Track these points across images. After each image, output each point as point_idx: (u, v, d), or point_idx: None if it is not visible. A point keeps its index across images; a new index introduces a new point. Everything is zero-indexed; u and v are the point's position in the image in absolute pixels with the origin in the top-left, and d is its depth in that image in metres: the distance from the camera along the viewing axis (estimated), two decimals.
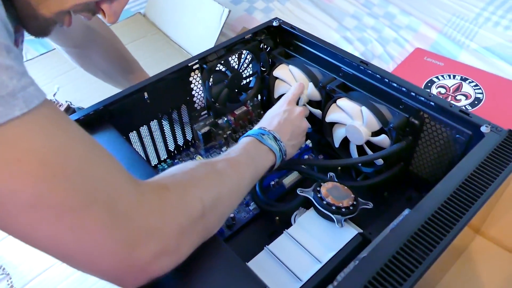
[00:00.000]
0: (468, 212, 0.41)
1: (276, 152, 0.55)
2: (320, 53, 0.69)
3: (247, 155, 0.51)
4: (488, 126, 0.51)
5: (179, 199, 0.37)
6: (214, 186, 0.42)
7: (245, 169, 0.48)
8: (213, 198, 0.40)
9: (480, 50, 0.97)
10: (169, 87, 0.66)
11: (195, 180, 0.40)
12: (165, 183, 0.38)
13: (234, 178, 0.45)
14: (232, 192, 0.44)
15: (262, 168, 0.53)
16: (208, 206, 0.39)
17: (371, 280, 0.35)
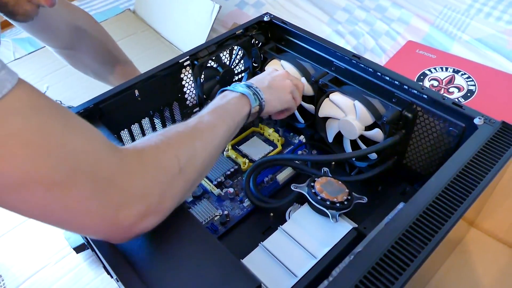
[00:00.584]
0: (463, 204, 0.41)
1: (250, 95, 0.55)
2: (312, 47, 0.69)
3: (219, 107, 0.52)
4: (481, 118, 0.51)
5: (156, 160, 0.39)
6: (188, 142, 0.44)
7: (218, 120, 0.49)
8: (188, 154, 0.42)
9: (472, 41, 0.97)
10: (160, 84, 0.65)
11: (169, 140, 0.42)
12: (141, 147, 0.40)
13: (207, 132, 0.47)
14: (206, 144, 0.46)
15: (237, 115, 0.53)
16: (184, 162, 0.41)
17: (366, 274, 0.35)
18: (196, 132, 0.45)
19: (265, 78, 0.61)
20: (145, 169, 0.38)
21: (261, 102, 0.56)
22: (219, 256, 0.40)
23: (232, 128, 0.52)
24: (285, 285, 0.50)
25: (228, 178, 0.69)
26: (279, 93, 0.60)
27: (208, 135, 0.46)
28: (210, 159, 0.47)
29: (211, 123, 0.48)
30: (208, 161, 0.46)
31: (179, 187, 0.41)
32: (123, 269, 0.39)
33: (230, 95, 0.55)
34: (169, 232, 0.43)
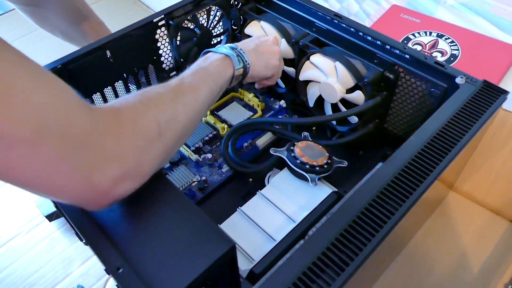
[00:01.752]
0: (441, 163, 0.40)
1: (233, 57, 0.52)
2: (292, 7, 0.66)
3: (201, 68, 0.49)
4: (463, 77, 0.50)
5: (134, 121, 0.37)
6: (169, 104, 0.41)
7: (200, 82, 0.47)
8: (168, 117, 0.40)
9: (456, 5, 0.95)
10: (133, 45, 0.62)
11: (148, 101, 0.39)
12: (118, 107, 0.37)
13: (189, 94, 0.44)
14: (188, 108, 0.43)
15: (220, 77, 0.51)
16: (164, 126, 0.39)
17: (342, 232, 0.34)
18: (178, 95, 0.43)
19: (252, 41, 0.58)
20: (121, 130, 0.35)
21: (245, 64, 0.54)
22: (193, 219, 0.39)
23: (215, 91, 0.49)
24: (264, 249, 0.49)
25: (207, 144, 0.67)
26: (265, 57, 0.58)
27: (189, 98, 0.44)
28: (191, 123, 0.44)
29: (193, 85, 0.45)
30: (189, 126, 0.44)
31: (157, 151, 0.38)
32: (92, 231, 0.38)
33: (213, 56, 0.52)
34: (143, 196, 0.41)
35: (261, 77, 0.59)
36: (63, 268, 0.61)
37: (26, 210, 0.67)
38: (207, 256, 0.35)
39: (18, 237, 0.64)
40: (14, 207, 0.68)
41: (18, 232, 0.64)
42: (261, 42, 0.59)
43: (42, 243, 0.63)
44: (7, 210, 0.67)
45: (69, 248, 0.62)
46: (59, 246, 0.63)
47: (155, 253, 0.36)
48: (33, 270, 0.61)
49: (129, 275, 0.33)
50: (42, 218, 0.65)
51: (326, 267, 0.33)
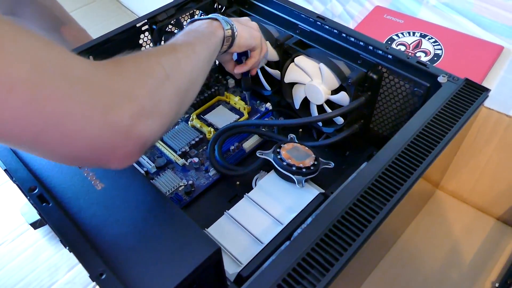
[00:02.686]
0: (425, 161, 0.41)
1: (220, 19, 0.53)
2: (275, 10, 0.67)
3: (191, 30, 0.50)
4: (445, 76, 0.50)
5: (137, 64, 0.36)
6: (168, 53, 0.41)
7: (194, 39, 0.47)
8: (171, 61, 0.39)
9: (439, 5, 0.96)
10: (117, 50, 0.61)
11: (147, 52, 0.40)
12: (118, 58, 0.36)
13: (186, 46, 0.44)
14: (189, 56, 0.43)
15: (212, 36, 0.51)
16: (169, 68, 0.38)
17: (327, 232, 0.34)
18: (175, 47, 0.43)
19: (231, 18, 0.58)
20: (126, 71, 0.34)
21: (232, 27, 0.54)
22: (177, 223, 0.39)
23: (211, 48, 0.49)
24: (251, 252, 0.49)
25: (193, 148, 0.67)
26: (248, 28, 0.58)
27: (187, 49, 0.44)
28: (197, 73, 0.44)
29: (187, 41, 0.46)
30: (195, 73, 0.43)
31: (170, 91, 0.38)
32: (75, 237, 0.37)
33: (199, 21, 0.53)
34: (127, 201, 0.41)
35: (248, 45, 0.58)
36: (49, 276, 0.60)
37: (11, 219, 0.66)
38: (192, 260, 0.35)
39: (3, 245, 0.63)
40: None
41: (3, 240, 0.64)
42: (238, 18, 0.60)
43: (27, 251, 0.62)
44: None
45: (55, 256, 0.62)
46: (44, 254, 0.62)
47: (139, 258, 0.36)
48: (18, 278, 0.60)
49: (112, 281, 0.32)
50: (27, 226, 0.64)
51: (311, 268, 0.33)
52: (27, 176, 0.43)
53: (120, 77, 0.33)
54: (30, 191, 0.42)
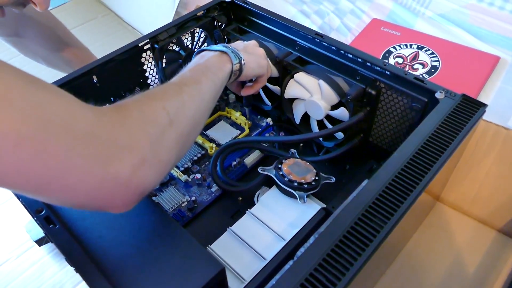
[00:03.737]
0: (425, 177, 0.41)
1: (229, 52, 0.53)
2: (274, 27, 0.68)
3: (199, 65, 0.50)
4: (442, 92, 0.51)
5: (140, 112, 0.36)
6: (174, 94, 0.41)
7: (201, 76, 0.47)
8: (176, 105, 0.40)
9: (435, 17, 0.98)
10: (119, 69, 0.63)
11: (153, 95, 0.40)
12: (122, 103, 0.37)
13: (192, 86, 0.44)
14: (194, 97, 0.43)
15: (219, 71, 0.51)
16: (173, 113, 0.39)
17: (329, 252, 0.35)
18: (181, 87, 0.43)
19: (238, 43, 0.60)
20: (128, 120, 0.35)
21: (240, 60, 0.54)
22: (181, 242, 0.39)
23: (218, 84, 0.49)
24: (254, 269, 0.49)
25: (195, 164, 0.68)
26: (255, 56, 0.59)
27: (193, 89, 0.44)
28: (201, 113, 0.44)
29: (194, 78, 0.46)
30: (198, 116, 0.44)
31: (172, 139, 0.38)
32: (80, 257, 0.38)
33: (208, 54, 0.53)
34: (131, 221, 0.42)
35: (255, 75, 0.59)
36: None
37: (16, 235, 0.66)
38: (197, 280, 0.36)
39: (8, 262, 0.63)
40: (3, 233, 0.67)
41: (8, 257, 0.64)
42: (246, 44, 0.60)
43: (32, 268, 0.63)
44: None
45: (59, 273, 0.62)
46: (49, 271, 0.62)
47: (144, 279, 0.36)
48: None
49: None
50: (32, 243, 0.64)
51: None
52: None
53: (122, 128, 0.34)
54: (37, 212, 0.43)
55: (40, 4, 0.46)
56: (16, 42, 0.74)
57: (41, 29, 0.73)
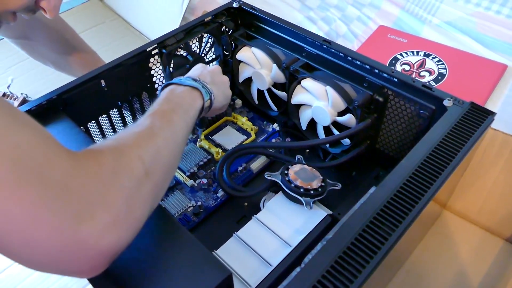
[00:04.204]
0: (433, 186, 0.41)
1: (200, 88, 0.52)
2: (282, 33, 0.68)
3: (170, 101, 0.48)
4: (450, 100, 0.51)
5: (117, 161, 0.34)
6: (148, 140, 0.39)
7: (173, 115, 0.46)
8: (151, 153, 0.38)
9: (442, 25, 0.98)
10: (127, 73, 0.63)
11: (128, 141, 0.38)
12: (98, 149, 0.35)
13: (165, 128, 0.43)
14: (168, 141, 0.42)
15: (191, 109, 0.50)
16: (148, 162, 0.37)
17: (337, 259, 0.35)
18: (155, 130, 0.41)
19: (205, 74, 0.58)
20: (104, 173, 0.32)
21: (211, 95, 0.54)
22: (188, 248, 0.39)
23: (190, 123, 0.49)
24: (260, 275, 0.49)
25: (201, 169, 0.68)
26: (222, 88, 0.59)
27: (167, 132, 0.43)
28: (175, 157, 0.43)
29: (166, 118, 0.44)
30: (173, 160, 0.42)
31: (147, 191, 0.36)
32: None
33: (178, 89, 0.51)
34: None
35: (221, 108, 0.59)
36: None
37: None
38: (204, 286, 0.35)
39: (14, 266, 0.64)
40: None
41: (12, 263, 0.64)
42: (213, 73, 0.59)
43: (34, 274, 0.63)
44: None
45: (64, 277, 0.62)
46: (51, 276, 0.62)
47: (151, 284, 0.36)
48: None
49: None
50: None
51: None
52: None
53: (97, 180, 0.31)
54: None
55: (50, 11, 0.47)
56: (25, 45, 0.75)
57: (50, 32, 0.74)
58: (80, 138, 0.51)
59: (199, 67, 0.60)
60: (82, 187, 0.30)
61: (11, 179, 0.27)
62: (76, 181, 0.30)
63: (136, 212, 0.34)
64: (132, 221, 0.34)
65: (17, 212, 0.27)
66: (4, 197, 0.26)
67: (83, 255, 0.30)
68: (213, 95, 0.55)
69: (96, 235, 0.30)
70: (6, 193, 0.26)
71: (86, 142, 0.50)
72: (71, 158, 0.31)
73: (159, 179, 0.38)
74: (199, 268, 0.37)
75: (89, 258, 0.31)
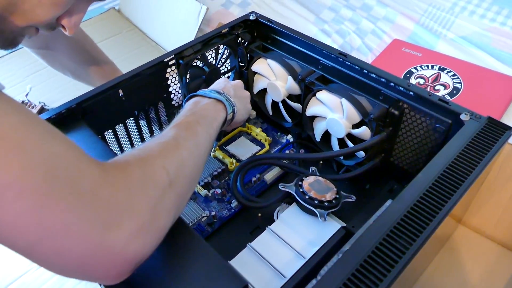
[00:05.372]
0: (450, 201, 0.41)
1: (224, 101, 0.53)
2: (298, 46, 0.69)
3: (195, 113, 0.49)
4: (467, 114, 0.51)
5: (142, 171, 0.35)
6: (173, 151, 0.40)
7: (197, 127, 0.46)
8: (176, 164, 0.39)
9: (457, 39, 0.98)
10: (145, 83, 0.64)
11: (153, 151, 0.39)
12: (124, 160, 0.36)
13: (190, 139, 0.44)
14: (192, 153, 0.43)
15: (214, 121, 0.51)
16: (173, 173, 0.38)
17: (354, 272, 0.35)
18: (179, 141, 0.42)
19: (229, 87, 0.59)
20: (132, 182, 0.34)
21: (234, 109, 0.55)
22: (205, 257, 0.39)
23: (212, 135, 0.50)
24: (274, 286, 0.49)
25: (215, 179, 0.68)
26: (244, 102, 0.60)
27: (191, 143, 0.43)
28: (198, 168, 0.44)
29: (191, 130, 0.45)
30: (196, 171, 0.43)
31: (171, 201, 0.37)
32: None
33: (203, 101, 0.52)
34: None
35: (242, 121, 0.60)
36: None
37: None
38: None
39: (29, 273, 0.64)
40: None
41: (28, 268, 0.65)
42: (236, 87, 0.60)
43: (52, 279, 0.63)
44: None
45: (80, 285, 0.63)
46: (69, 282, 0.63)
47: None
48: None
49: None
50: None
51: None
52: None
53: (125, 189, 0.33)
54: None
55: (70, 29, 0.48)
56: (45, 55, 0.76)
57: (71, 42, 0.75)
58: (99, 146, 0.52)
59: (222, 81, 0.61)
60: (110, 196, 0.31)
61: (44, 189, 0.28)
62: (105, 191, 0.31)
63: (160, 221, 0.35)
64: (156, 229, 0.35)
65: (49, 221, 0.28)
66: (38, 206, 0.28)
67: (109, 261, 0.31)
68: (236, 108, 0.55)
69: (122, 243, 0.31)
70: (39, 203, 0.28)
71: (104, 151, 0.51)
72: (100, 169, 0.32)
73: (182, 189, 0.39)
74: (215, 278, 0.37)
75: (115, 265, 0.32)
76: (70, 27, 0.48)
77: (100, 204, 0.30)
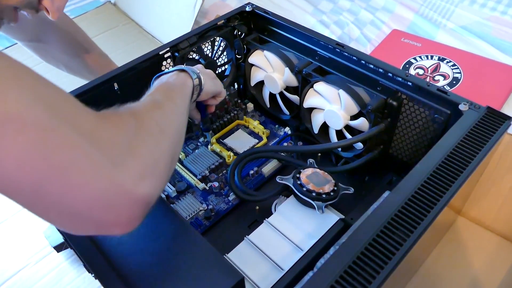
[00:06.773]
0: (448, 191, 0.40)
1: (186, 69, 0.53)
2: (295, 37, 0.68)
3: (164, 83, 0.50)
4: (466, 104, 0.50)
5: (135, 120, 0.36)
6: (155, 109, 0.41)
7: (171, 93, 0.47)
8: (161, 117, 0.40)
9: (457, 29, 0.97)
10: (140, 77, 0.63)
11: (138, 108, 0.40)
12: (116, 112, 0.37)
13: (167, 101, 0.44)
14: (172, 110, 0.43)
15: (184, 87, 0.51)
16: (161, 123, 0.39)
17: (351, 264, 0.34)
18: (157, 103, 0.43)
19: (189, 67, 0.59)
20: (128, 128, 0.34)
21: (198, 75, 0.54)
22: (201, 251, 0.39)
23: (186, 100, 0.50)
24: (272, 279, 0.49)
25: (213, 172, 0.68)
26: (210, 76, 0.59)
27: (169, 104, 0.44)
28: (182, 125, 0.45)
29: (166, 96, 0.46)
30: (181, 127, 0.44)
31: (166, 148, 0.37)
32: (100, 264, 0.38)
33: (167, 75, 0.53)
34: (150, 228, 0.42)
35: (213, 92, 0.59)
36: None
37: (34, 241, 0.67)
38: None
39: (26, 268, 0.64)
40: (22, 238, 0.68)
41: (27, 263, 0.65)
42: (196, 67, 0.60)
43: (50, 274, 0.63)
44: (15, 241, 0.68)
45: (77, 279, 0.62)
46: (67, 277, 0.63)
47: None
48: None
49: None
50: (50, 249, 0.65)
51: None
52: None
53: (123, 133, 0.33)
54: None
55: (53, 13, 0.47)
56: (37, 48, 0.75)
57: (62, 34, 0.75)
58: None
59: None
60: (110, 138, 0.31)
61: (46, 124, 0.27)
62: (105, 132, 0.31)
63: (160, 164, 0.35)
64: (159, 172, 0.35)
65: (56, 156, 0.27)
66: (41, 140, 0.27)
67: (120, 201, 0.30)
68: (201, 77, 0.55)
69: (131, 181, 0.31)
70: (42, 137, 0.27)
71: None
72: (95, 114, 0.32)
73: (173, 138, 0.40)
74: (211, 272, 0.37)
75: (126, 206, 0.31)
76: (53, 10, 0.47)
77: (102, 142, 0.30)
